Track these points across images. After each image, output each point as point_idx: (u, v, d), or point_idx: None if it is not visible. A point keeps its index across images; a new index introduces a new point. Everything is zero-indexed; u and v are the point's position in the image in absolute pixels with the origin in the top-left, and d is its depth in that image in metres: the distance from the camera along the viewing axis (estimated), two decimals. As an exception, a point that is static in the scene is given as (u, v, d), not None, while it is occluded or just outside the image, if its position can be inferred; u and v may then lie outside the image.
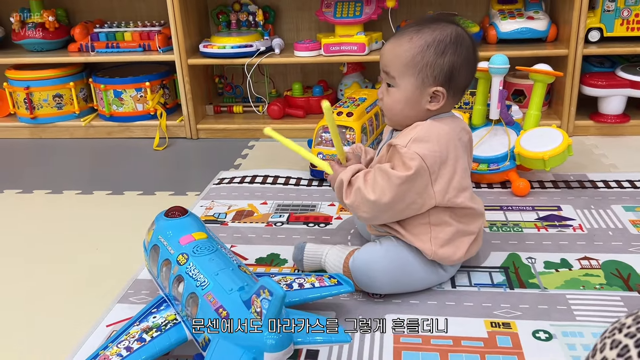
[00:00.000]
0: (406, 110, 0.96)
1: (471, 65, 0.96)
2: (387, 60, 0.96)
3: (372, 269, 0.96)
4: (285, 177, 1.55)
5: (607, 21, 1.74)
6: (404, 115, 0.97)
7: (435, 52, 0.92)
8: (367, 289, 0.99)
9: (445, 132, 0.94)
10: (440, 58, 0.92)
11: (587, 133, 1.80)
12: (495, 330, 0.90)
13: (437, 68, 0.92)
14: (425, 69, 0.93)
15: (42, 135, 2.05)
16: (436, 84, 0.93)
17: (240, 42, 1.87)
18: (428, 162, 0.90)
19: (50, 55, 2.02)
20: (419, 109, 0.96)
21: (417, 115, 0.96)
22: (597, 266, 1.06)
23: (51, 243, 1.28)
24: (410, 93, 0.95)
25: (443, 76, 0.93)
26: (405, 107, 0.96)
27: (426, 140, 0.91)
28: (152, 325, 0.83)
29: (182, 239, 0.89)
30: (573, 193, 1.37)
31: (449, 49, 0.92)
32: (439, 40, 0.92)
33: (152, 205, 1.45)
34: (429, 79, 0.93)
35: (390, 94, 0.97)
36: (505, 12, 1.86)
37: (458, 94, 0.97)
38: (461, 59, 0.93)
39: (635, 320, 0.54)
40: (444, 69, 0.93)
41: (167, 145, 1.91)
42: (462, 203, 0.95)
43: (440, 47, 0.92)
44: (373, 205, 0.92)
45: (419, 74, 0.93)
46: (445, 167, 0.93)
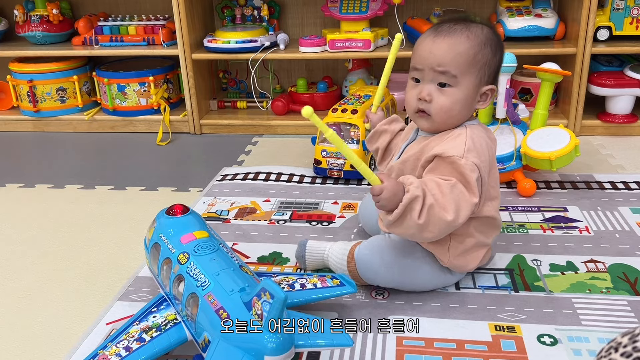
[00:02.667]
0: (464, 110, 0.92)
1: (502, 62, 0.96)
2: (446, 59, 0.89)
3: (377, 262, 0.95)
4: (289, 174, 1.54)
5: (617, 20, 1.72)
6: (455, 115, 0.92)
7: (491, 50, 0.91)
8: (371, 281, 0.98)
9: (484, 141, 0.93)
10: (494, 57, 0.92)
11: (594, 133, 1.78)
12: (499, 333, 0.89)
13: (492, 66, 0.93)
14: (484, 67, 0.91)
15: (45, 128, 2.04)
16: (489, 82, 0.93)
17: (244, 37, 1.86)
18: (482, 173, 0.89)
19: (53, 48, 2.01)
20: (468, 107, 0.93)
21: (465, 116, 0.94)
22: (603, 269, 1.05)
23: (52, 238, 1.27)
24: (470, 92, 0.91)
25: (494, 75, 0.94)
26: (464, 107, 0.92)
27: (477, 151, 0.89)
28: (152, 324, 0.82)
29: (184, 237, 0.88)
30: (579, 194, 1.36)
31: (498, 47, 0.93)
32: (491, 39, 0.92)
33: (154, 201, 1.44)
34: (485, 77, 0.92)
35: (448, 94, 0.91)
36: (513, 9, 1.84)
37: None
38: (500, 58, 0.94)
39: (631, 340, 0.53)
40: (495, 68, 0.93)
41: (170, 140, 1.90)
42: (488, 212, 0.94)
43: (493, 46, 0.92)
44: (447, 226, 0.85)
45: (479, 72, 0.91)
46: (486, 178, 0.91)
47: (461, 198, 0.85)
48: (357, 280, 0.98)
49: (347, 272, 0.99)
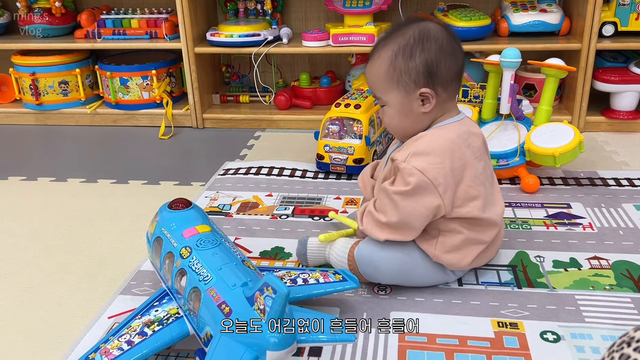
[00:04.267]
0: (404, 122, 0.96)
1: (450, 53, 0.92)
2: (370, 83, 0.98)
3: (377, 258, 0.95)
4: (291, 169, 1.53)
5: (622, 15, 1.71)
6: (404, 127, 0.96)
7: (403, 58, 0.92)
8: (372, 278, 0.98)
9: (448, 141, 0.92)
10: (411, 61, 0.92)
11: (599, 129, 1.77)
12: (502, 330, 0.88)
13: (413, 71, 0.92)
14: (402, 77, 0.92)
15: (48, 121, 2.04)
16: (419, 86, 0.92)
17: (247, 31, 1.85)
18: (430, 176, 0.89)
19: (56, 41, 2.00)
20: (415, 116, 0.95)
21: (417, 123, 0.95)
22: (607, 266, 1.05)
23: (54, 232, 1.27)
24: (399, 105, 0.94)
25: (422, 77, 0.92)
26: (401, 119, 0.96)
27: (426, 153, 0.90)
28: (154, 318, 0.82)
29: (186, 231, 0.88)
30: (583, 190, 1.35)
31: (416, 49, 0.91)
32: (403, 45, 0.92)
33: (156, 195, 1.44)
34: (409, 85, 0.92)
35: (385, 112, 0.97)
36: (518, 4, 1.82)
37: (449, 86, 0.94)
38: (433, 52, 0.91)
39: None
40: (420, 70, 0.92)
41: (172, 134, 1.90)
42: (469, 213, 0.93)
43: (407, 51, 0.92)
44: (387, 227, 0.93)
45: (398, 84, 0.93)
46: (450, 177, 0.91)
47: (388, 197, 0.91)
48: (358, 278, 0.97)
49: (348, 267, 0.99)
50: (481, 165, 0.96)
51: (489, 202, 0.96)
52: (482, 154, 0.97)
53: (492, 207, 0.97)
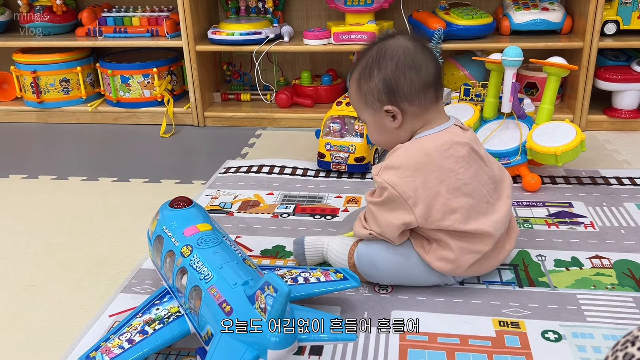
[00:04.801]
0: (381, 137, 0.99)
1: (410, 67, 0.92)
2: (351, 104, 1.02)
3: (376, 259, 0.96)
4: (292, 168, 1.53)
5: (624, 14, 1.70)
6: (384, 141, 1.00)
7: (364, 80, 0.94)
8: (372, 279, 0.98)
9: (422, 153, 0.91)
10: (370, 82, 0.94)
11: (600, 128, 1.77)
12: (503, 329, 0.88)
13: (375, 91, 0.94)
14: (367, 97, 0.95)
15: (49, 119, 2.04)
16: (383, 104, 0.94)
17: (249, 29, 1.85)
18: (399, 189, 0.90)
19: (57, 39, 2.00)
20: (390, 131, 0.97)
21: (394, 137, 0.97)
22: (608, 265, 1.04)
23: (55, 230, 1.27)
24: (373, 123, 0.97)
25: (384, 95, 0.93)
26: (379, 135, 0.99)
27: (397, 167, 0.91)
28: (155, 317, 0.82)
29: (187, 230, 0.87)
30: (585, 189, 1.35)
31: (373, 69, 0.93)
32: (363, 67, 0.95)
33: (157, 193, 1.44)
34: (375, 104, 0.95)
35: (367, 128, 1.01)
36: (520, 2, 1.82)
37: (416, 99, 0.92)
38: (389, 70, 0.92)
39: None
40: (380, 88, 0.93)
41: (173, 133, 1.89)
42: (450, 226, 0.91)
43: (366, 73, 0.94)
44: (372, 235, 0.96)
45: (366, 104, 0.96)
46: (422, 190, 0.90)
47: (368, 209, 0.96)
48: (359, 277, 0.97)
49: (348, 267, 0.99)
50: (469, 174, 0.92)
51: (478, 213, 0.92)
52: (469, 162, 0.93)
53: (481, 217, 0.93)
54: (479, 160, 0.96)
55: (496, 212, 0.95)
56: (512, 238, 1.01)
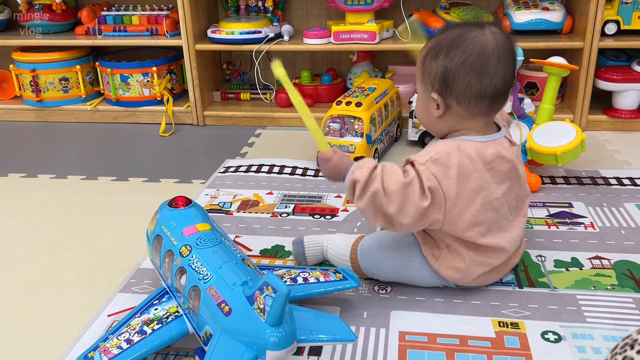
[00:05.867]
0: (421, 115, 0.96)
1: (476, 71, 0.86)
2: None
3: (380, 256, 0.95)
4: (292, 167, 1.53)
5: (625, 13, 1.70)
6: (422, 119, 0.96)
7: (431, 56, 0.89)
8: (372, 274, 0.98)
9: (468, 160, 0.87)
10: (433, 62, 0.89)
11: (600, 128, 1.76)
12: (503, 330, 0.88)
13: (432, 72, 0.89)
14: (426, 73, 0.91)
15: (48, 118, 2.03)
16: (434, 89, 0.90)
17: (248, 28, 1.84)
18: (444, 187, 0.86)
19: (56, 38, 2.00)
20: (429, 115, 0.93)
21: (432, 123, 0.93)
22: (608, 266, 1.04)
23: (53, 229, 1.27)
24: (422, 98, 0.94)
25: (438, 81, 0.88)
26: (421, 111, 0.95)
27: (446, 166, 0.86)
28: (154, 317, 0.82)
29: (186, 230, 0.87)
30: (585, 190, 1.34)
31: (442, 52, 0.88)
32: (436, 44, 0.89)
33: (156, 192, 1.44)
34: (428, 84, 0.91)
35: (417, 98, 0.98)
36: (520, 2, 1.82)
37: (467, 103, 0.88)
38: (454, 62, 0.86)
39: None
40: (438, 73, 0.88)
41: (173, 132, 1.89)
42: (471, 237, 0.89)
43: (435, 51, 0.89)
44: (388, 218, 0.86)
45: (423, 77, 0.92)
46: (462, 197, 0.87)
47: (411, 197, 0.84)
48: (359, 273, 0.98)
49: (349, 264, 0.99)
50: (501, 190, 0.90)
51: (497, 228, 0.91)
52: (506, 178, 0.91)
53: (501, 233, 0.92)
54: (516, 178, 0.93)
55: (513, 228, 0.95)
56: (519, 252, 1.01)
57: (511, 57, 0.88)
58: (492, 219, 0.90)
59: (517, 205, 0.95)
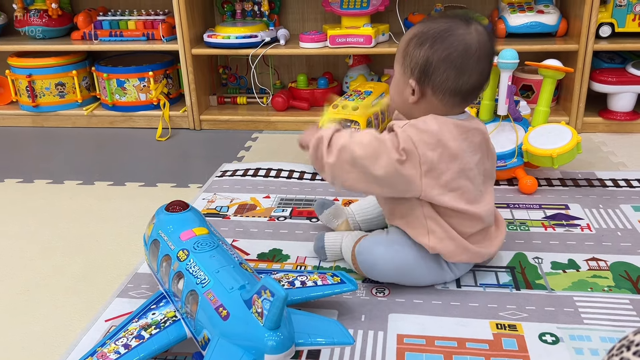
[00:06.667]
0: (395, 97, 0.97)
1: (457, 67, 0.89)
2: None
3: (375, 253, 0.96)
4: (289, 171, 1.53)
5: (619, 16, 1.71)
6: (395, 100, 0.97)
7: (415, 43, 0.91)
8: (369, 274, 0.99)
9: (445, 127, 0.90)
10: (417, 50, 0.90)
11: (596, 130, 1.77)
12: (501, 332, 0.88)
13: (414, 60, 0.91)
14: (407, 58, 0.92)
15: (44, 123, 2.03)
16: (413, 76, 0.92)
17: (245, 32, 1.85)
18: (420, 151, 0.88)
19: (53, 43, 2.00)
20: (404, 99, 0.94)
21: (405, 107, 0.95)
22: (605, 267, 1.04)
23: (50, 234, 1.27)
24: (397, 80, 0.95)
25: (418, 70, 0.90)
26: (395, 93, 0.96)
27: (423, 130, 0.89)
28: (151, 322, 0.82)
29: (183, 234, 0.87)
30: (581, 191, 1.35)
31: (427, 42, 0.89)
32: (423, 32, 0.91)
33: (153, 197, 1.44)
34: (408, 69, 0.92)
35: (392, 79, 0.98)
36: (515, 5, 1.83)
37: (443, 95, 0.91)
38: (437, 55, 0.88)
39: None
40: (419, 62, 0.90)
41: (169, 136, 1.89)
42: (449, 203, 0.91)
43: (421, 39, 0.90)
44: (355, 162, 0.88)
45: (403, 61, 0.93)
46: (435, 162, 0.89)
47: (383, 148, 0.88)
48: (359, 273, 1.00)
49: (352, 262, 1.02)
50: (474, 160, 0.94)
51: (473, 198, 0.94)
52: (479, 149, 0.95)
53: (474, 202, 0.95)
54: (486, 151, 0.98)
55: (485, 200, 0.98)
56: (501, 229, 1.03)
57: (490, 57, 0.93)
58: (465, 187, 0.93)
59: (485, 181, 0.99)
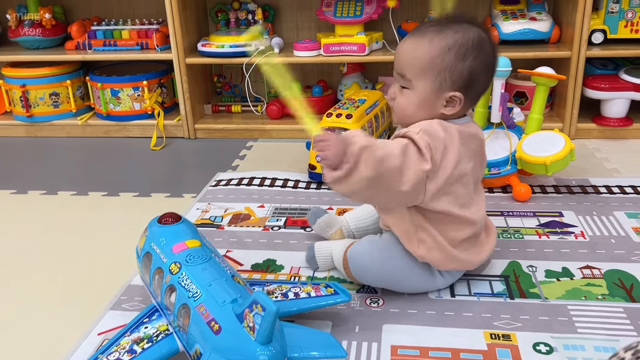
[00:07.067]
0: (419, 113, 0.92)
1: (490, 71, 0.93)
2: (404, 62, 0.91)
3: (366, 258, 0.97)
4: (284, 179, 1.53)
5: (611, 23, 1.71)
6: (417, 117, 0.93)
7: (456, 55, 0.88)
8: (361, 278, 0.99)
9: (449, 133, 0.90)
10: (460, 62, 0.88)
11: (590, 136, 1.77)
12: (495, 342, 0.88)
13: (457, 73, 0.89)
14: (444, 72, 0.89)
15: (39, 133, 2.03)
16: (454, 88, 0.90)
17: (239, 41, 1.85)
18: (434, 157, 0.87)
19: (47, 53, 1.99)
20: (433, 112, 0.92)
21: (423, 117, 0.93)
22: (599, 275, 1.04)
23: (44, 245, 1.26)
24: (426, 96, 0.91)
25: (462, 81, 0.90)
26: (419, 110, 0.92)
27: (436, 137, 0.88)
28: (144, 336, 0.81)
29: (175, 246, 0.87)
30: (575, 198, 1.35)
31: (470, 53, 0.88)
32: (461, 43, 0.88)
33: (147, 207, 1.43)
34: (446, 83, 0.90)
35: (405, 95, 0.93)
36: (508, 12, 1.83)
37: (475, 99, 0.94)
38: (481, 64, 0.90)
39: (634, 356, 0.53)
40: (464, 74, 0.89)
41: (164, 145, 1.89)
42: (439, 207, 0.91)
43: (462, 51, 0.88)
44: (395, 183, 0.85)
45: (437, 77, 0.89)
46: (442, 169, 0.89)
47: (411, 159, 0.85)
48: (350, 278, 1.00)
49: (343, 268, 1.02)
50: (469, 166, 0.94)
51: (464, 203, 0.94)
52: (474, 156, 0.95)
53: (467, 208, 0.95)
54: (480, 158, 0.98)
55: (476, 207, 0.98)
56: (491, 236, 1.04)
57: None
58: (458, 192, 0.93)
59: (476, 188, 0.98)
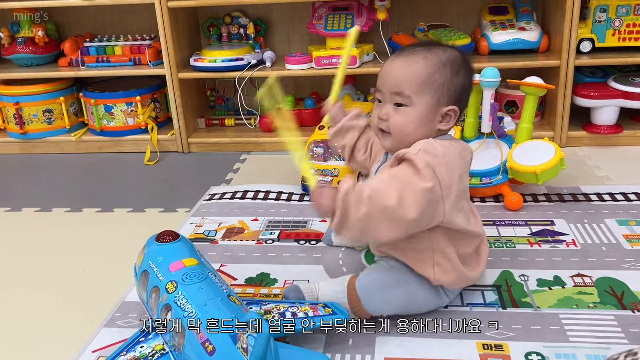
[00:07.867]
0: (419, 130, 0.92)
1: (472, 87, 0.97)
2: (399, 79, 0.91)
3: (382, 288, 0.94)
4: (277, 192, 1.54)
5: (599, 32, 1.74)
6: (416, 135, 0.92)
7: (451, 70, 0.92)
8: (375, 310, 0.94)
9: (448, 149, 0.89)
10: (455, 77, 0.92)
11: (580, 144, 1.79)
12: (487, 352, 0.89)
13: (452, 87, 0.92)
14: (442, 87, 0.91)
15: (32, 150, 2.03)
16: (449, 103, 0.92)
17: (231, 55, 1.86)
18: (439, 176, 0.85)
19: (40, 70, 2.01)
20: (431, 128, 0.93)
21: (424, 136, 0.92)
22: (590, 283, 1.05)
23: (38, 263, 1.26)
24: (425, 112, 0.91)
25: (456, 96, 0.93)
26: (419, 127, 0.92)
27: (435, 154, 0.87)
28: (139, 355, 0.82)
29: (172, 265, 0.87)
30: (566, 207, 1.36)
31: (461, 69, 0.93)
32: (452, 60, 0.92)
33: (141, 223, 1.44)
34: (444, 98, 0.92)
35: (403, 113, 0.92)
36: (497, 23, 1.85)
37: (460, 115, 0.96)
38: (468, 80, 0.95)
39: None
40: (457, 89, 0.93)
41: (158, 160, 1.89)
42: (460, 224, 0.91)
43: (455, 67, 0.92)
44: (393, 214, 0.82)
45: (436, 92, 0.91)
46: (451, 184, 0.88)
47: (406, 184, 0.83)
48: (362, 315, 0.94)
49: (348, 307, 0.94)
50: (466, 179, 0.96)
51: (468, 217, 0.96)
52: (466, 169, 0.96)
53: (470, 221, 0.96)
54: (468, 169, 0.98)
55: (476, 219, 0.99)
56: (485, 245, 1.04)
57: None
58: (465, 207, 0.95)
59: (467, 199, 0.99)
